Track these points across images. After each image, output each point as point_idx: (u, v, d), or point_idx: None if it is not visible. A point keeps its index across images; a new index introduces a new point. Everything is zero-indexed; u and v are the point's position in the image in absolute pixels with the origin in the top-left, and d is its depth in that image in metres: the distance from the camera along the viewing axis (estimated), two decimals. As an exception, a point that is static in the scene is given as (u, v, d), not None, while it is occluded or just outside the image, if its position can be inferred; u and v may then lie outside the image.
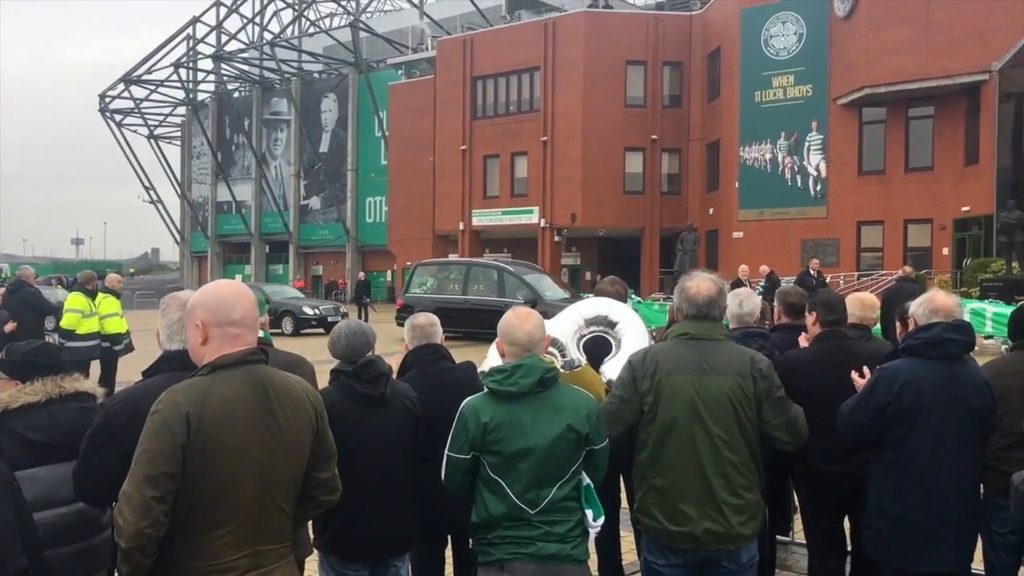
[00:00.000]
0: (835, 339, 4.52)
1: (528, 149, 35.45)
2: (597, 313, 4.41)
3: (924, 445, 3.73)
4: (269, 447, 2.49)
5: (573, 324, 4.33)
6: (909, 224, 27.87)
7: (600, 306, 4.51)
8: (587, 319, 4.37)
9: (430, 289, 22.76)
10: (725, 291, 3.74)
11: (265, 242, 54.86)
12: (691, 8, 36.62)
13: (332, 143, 50.01)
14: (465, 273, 22.44)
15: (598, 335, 4.43)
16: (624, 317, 4.48)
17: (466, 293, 21.58)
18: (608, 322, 4.43)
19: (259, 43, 52.02)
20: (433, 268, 24.00)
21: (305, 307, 25.30)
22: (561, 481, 3.15)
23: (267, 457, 2.48)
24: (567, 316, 4.39)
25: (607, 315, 4.43)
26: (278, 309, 24.54)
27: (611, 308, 4.51)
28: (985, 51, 24.37)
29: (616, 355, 4.38)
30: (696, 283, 3.63)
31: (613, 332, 4.43)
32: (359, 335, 3.84)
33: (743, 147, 30.91)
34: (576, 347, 4.27)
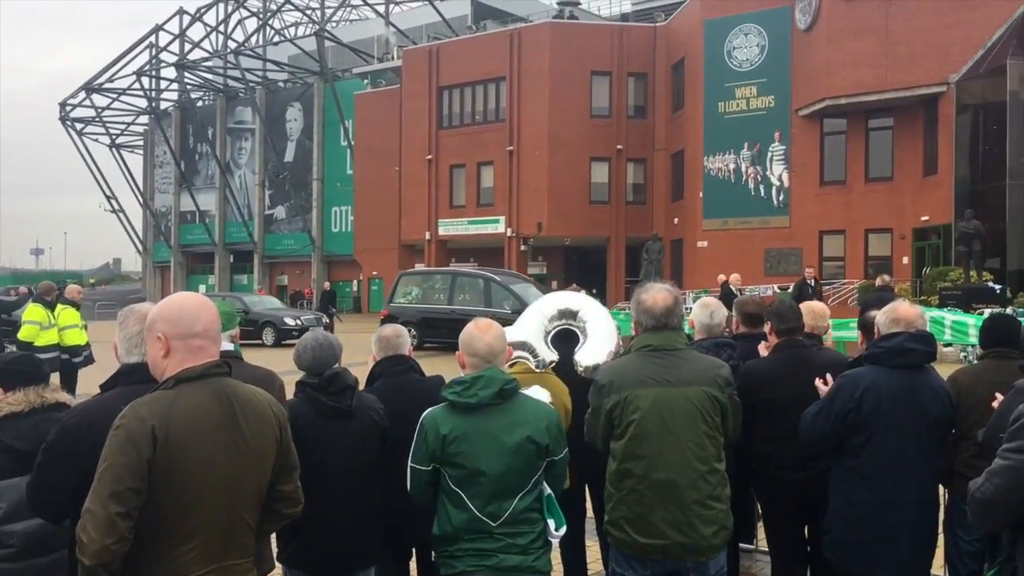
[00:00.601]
0: (792, 348, 4.58)
1: (494, 159, 35.52)
2: (557, 308, 4.41)
3: (883, 452, 3.78)
4: (235, 460, 2.47)
5: (537, 323, 4.33)
6: (870, 233, 28.28)
7: (558, 300, 4.52)
8: (549, 316, 4.37)
9: (415, 299, 22.51)
10: (680, 300, 3.77)
11: (229, 252, 54.35)
12: (655, 20, 36.96)
13: (297, 152, 49.72)
14: (451, 283, 22.13)
15: (563, 328, 4.43)
16: (583, 305, 4.50)
17: (452, 303, 21.19)
18: (569, 313, 4.44)
19: (223, 52, 51.62)
20: (418, 278, 23.72)
21: (286, 318, 24.95)
22: (522, 492, 3.16)
23: (233, 470, 2.46)
24: (530, 317, 4.38)
25: (567, 307, 4.44)
26: (259, 320, 24.23)
27: (569, 300, 4.52)
28: (943, 63, 24.83)
29: (585, 343, 4.39)
30: (652, 295, 3.65)
31: (577, 322, 4.43)
32: (326, 347, 3.82)
33: (707, 157, 31.20)
34: (545, 345, 4.28)
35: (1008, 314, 5.24)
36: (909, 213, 26.89)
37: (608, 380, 3.57)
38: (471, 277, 22.27)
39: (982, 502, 2.71)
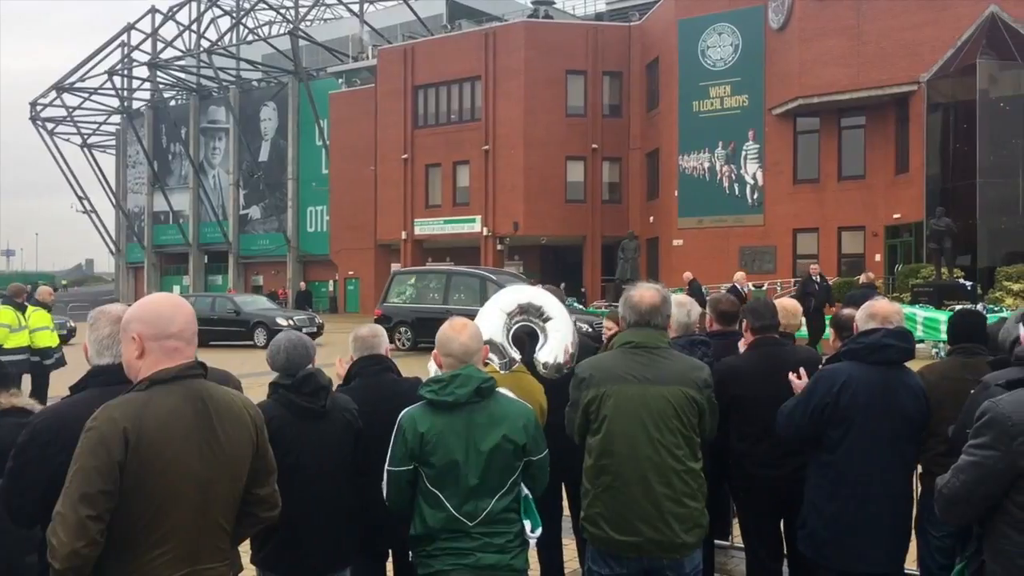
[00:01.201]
0: (767, 346, 4.60)
1: (470, 158, 35.49)
2: (516, 303, 4.36)
3: (859, 448, 3.81)
4: (209, 463, 2.44)
5: (499, 321, 4.27)
6: (843, 231, 28.52)
7: (518, 296, 4.46)
8: (508, 312, 4.32)
9: (409, 299, 22.14)
10: (669, 300, 3.78)
11: (204, 252, 53.93)
12: (629, 19, 37.07)
13: (272, 152, 49.41)
14: (445, 282, 21.68)
15: (523, 325, 4.41)
16: (542, 300, 4.46)
17: (447, 302, 20.64)
18: (529, 309, 4.39)
19: (196, 51, 51.21)
20: (412, 277, 23.26)
21: (279, 318, 24.34)
22: (500, 493, 3.15)
23: (207, 474, 2.44)
24: (490, 314, 4.31)
25: (527, 302, 4.39)
26: (250, 320, 23.92)
27: (528, 295, 4.47)
28: (914, 63, 25.08)
29: (546, 341, 4.37)
30: (640, 292, 3.68)
31: (536, 318, 4.39)
32: (299, 347, 3.80)
33: (682, 156, 31.34)
34: (509, 344, 4.25)
35: (974, 310, 5.31)
36: (881, 211, 27.14)
37: (588, 374, 3.59)
38: (466, 276, 21.89)
39: (949, 497, 2.74)
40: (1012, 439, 2.53)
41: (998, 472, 2.56)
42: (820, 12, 26.80)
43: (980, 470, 2.61)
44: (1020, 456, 2.51)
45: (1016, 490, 2.55)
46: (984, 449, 2.60)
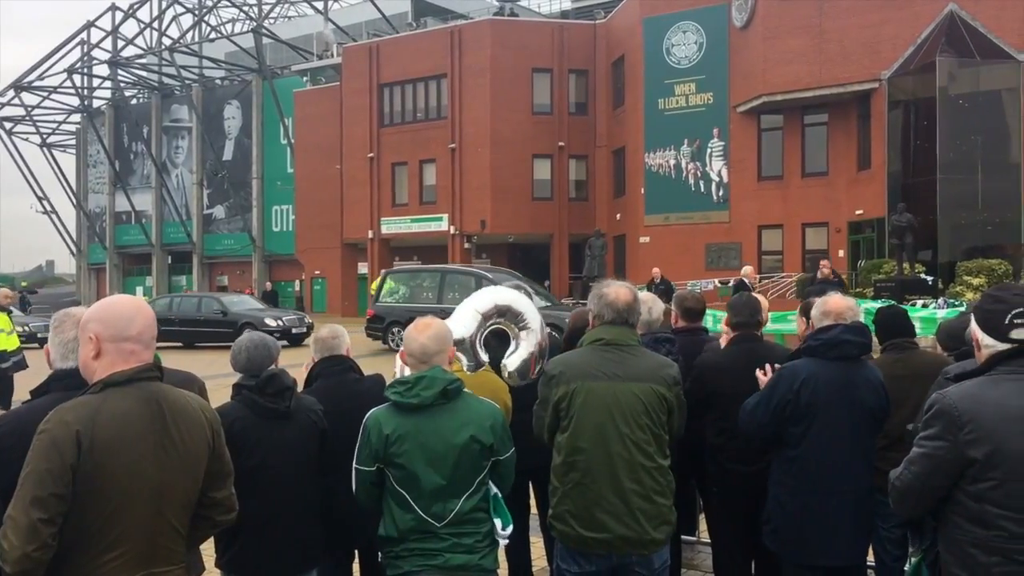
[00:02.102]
0: (746, 342, 4.64)
1: (436, 156, 35.40)
2: (494, 304, 4.35)
3: (821, 443, 3.85)
4: (164, 466, 2.42)
5: (472, 322, 4.26)
6: (807, 227, 28.80)
7: (497, 297, 4.45)
8: (484, 313, 4.31)
9: (402, 298, 21.71)
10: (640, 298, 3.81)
11: (167, 253, 53.33)
12: (595, 17, 37.16)
13: (236, 151, 48.96)
14: (440, 281, 21.27)
15: (496, 328, 4.40)
16: (523, 307, 4.45)
17: (441, 301, 20.09)
18: (507, 313, 4.38)
19: (158, 49, 50.61)
20: (404, 276, 22.83)
21: (267, 318, 23.91)
22: (468, 493, 3.16)
23: (162, 477, 2.42)
24: (464, 314, 4.31)
25: (507, 305, 4.37)
26: (238, 321, 23.30)
27: (509, 298, 4.46)
28: (875, 60, 25.39)
29: (516, 350, 4.36)
30: (615, 289, 3.69)
31: (510, 322, 4.39)
32: (261, 348, 3.77)
33: (648, 153, 31.49)
34: (479, 346, 4.24)
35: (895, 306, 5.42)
36: (844, 207, 27.45)
37: (558, 371, 3.60)
38: (461, 275, 21.48)
39: (901, 490, 2.78)
40: (959, 429, 2.57)
41: (947, 462, 2.61)
42: (782, 10, 27.03)
43: (930, 461, 2.65)
44: (968, 446, 2.56)
45: (965, 480, 2.59)
46: (933, 440, 2.64)
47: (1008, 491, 2.52)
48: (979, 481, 2.56)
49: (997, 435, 2.53)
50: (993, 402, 2.57)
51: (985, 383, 2.64)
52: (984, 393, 2.60)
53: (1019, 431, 2.52)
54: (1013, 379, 2.60)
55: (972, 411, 2.57)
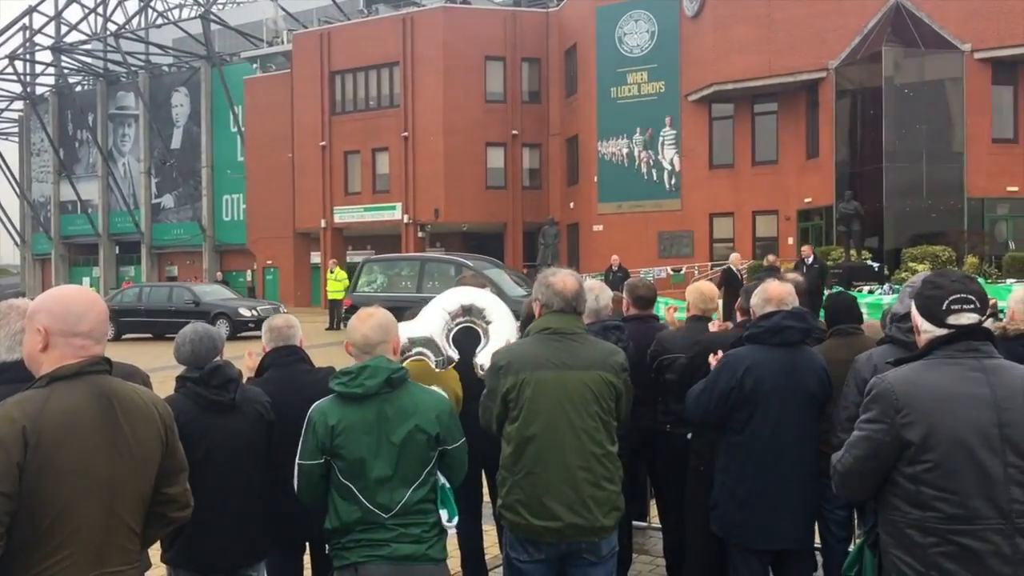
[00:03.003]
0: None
1: (389, 145, 35.17)
2: (459, 304, 4.34)
3: (765, 428, 3.91)
4: (115, 462, 2.36)
5: (439, 320, 4.25)
6: (757, 215, 29.17)
7: (461, 296, 4.43)
8: (451, 312, 4.30)
9: (380, 287, 21.16)
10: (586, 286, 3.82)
11: (115, 243, 52.35)
12: (547, 5, 37.13)
13: (185, 139, 48.15)
14: (419, 269, 20.54)
15: (465, 326, 4.39)
16: (486, 302, 4.45)
17: (421, 291, 19.42)
18: (472, 311, 4.38)
19: (102, 34, 49.51)
20: (382, 264, 22.11)
21: (241, 308, 23.50)
22: (415, 484, 3.14)
23: (113, 473, 2.36)
24: (431, 313, 4.30)
25: (470, 304, 4.37)
26: (211, 311, 22.68)
27: (472, 296, 4.45)
28: (823, 50, 25.73)
29: (487, 344, 4.35)
30: (562, 277, 3.69)
31: (479, 320, 4.38)
32: (205, 339, 3.72)
33: (601, 142, 31.61)
34: (448, 343, 4.23)
35: (845, 292, 5.56)
36: (793, 195, 27.82)
37: (506, 361, 3.59)
38: (441, 263, 20.99)
39: (843, 473, 2.83)
40: (897, 412, 2.62)
41: (886, 445, 2.66)
42: (733, 0, 27.27)
43: (870, 444, 2.70)
44: (904, 429, 2.61)
45: (902, 462, 2.64)
46: (872, 423, 2.69)
47: (943, 473, 2.57)
48: (915, 463, 2.61)
49: (932, 418, 2.58)
50: (929, 385, 2.63)
51: (923, 367, 2.69)
52: (921, 377, 2.66)
53: (953, 413, 2.58)
54: (949, 363, 2.66)
55: (909, 394, 2.63)
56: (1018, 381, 2.65)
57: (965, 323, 2.68)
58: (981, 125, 24.33)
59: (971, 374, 2.63)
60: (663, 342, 4.96)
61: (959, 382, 2.62)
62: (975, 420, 2.57)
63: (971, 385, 2.61)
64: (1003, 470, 2.56)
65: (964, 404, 2.59)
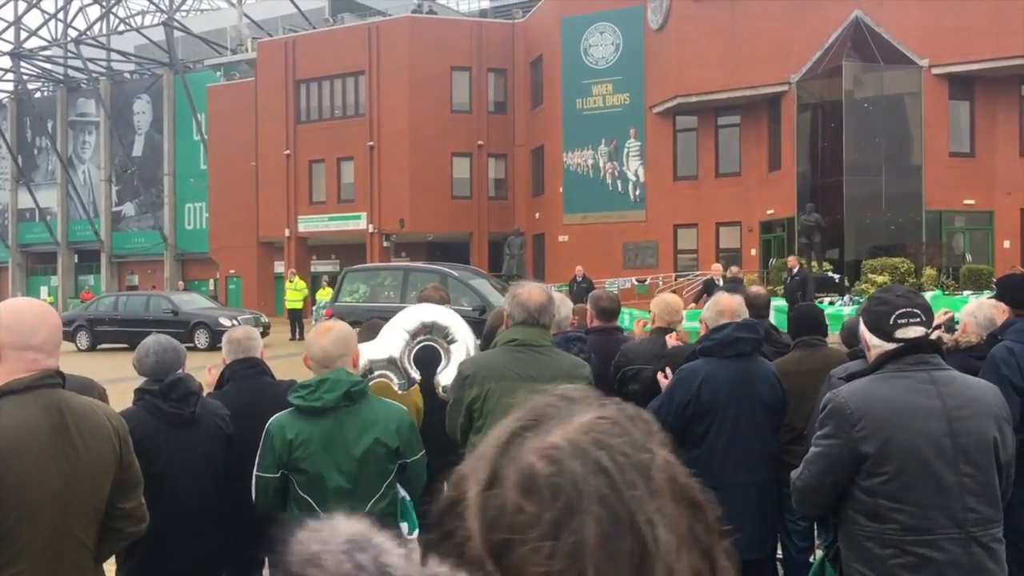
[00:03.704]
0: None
1: (354, 154, 35.03)
2: (420, 322, 4.32)
3: (722, 439, 3.94)
4: (67, 477, 2.33)
5: (400, 341, 4.22)
6: (720, 227, 29.41)
7: (422, 315, 4.40)
8: (411, 331, 4.27)
9: (362, 297, 20.78)
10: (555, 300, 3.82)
11: (74, 251, 51.57)
12: (513, 16, 37.26)
13: (146, 146, 47.60)
14: (402, 279, 20.08)
15: (426, 345, 4.37)
16: (447, 320, 4.43)
17: (404, 301, 18.58)
18: (433, 328, 4.36)
19: (63, 40, 48.86)
20: (365, 274, 21.83)
21: (222, 318, 22.69)
22: (375, 497, 3.12)
23: (65, 487, 2.33)
24: (392, 333, 4.25)
25: (431, 322, 4.36)
26: (190, 321, 22.15)
27: (433, 315, 4.42)
28: (785, 64, 26.05)
29: (448, 364, 4.34)
30: (528, 290, 3.71)
31: (439, 339, 4.37)
32: (170, 351, 3.67)
33: (566, 153, 31.74)
34: (409, 364, 4.20)
35: (811, 305, 5.62)
36: (756, 207, 28.10)
37: (471, 372, 3.61)
38: (425, 273, 20.32)
39: (802, 489, 2.86)
40: (852, 426, 2.66)
41: (842, 459, 2.70)
42: (696, 14, 27.54)
43: (826, 459, 2.74)
44: (860, 442, 2.65)
45: (860, 475, 2.69)
46: (828, 439, 2.73)
47: (899, 484, 2.61)
48: (872, 476, 2.65)
49: (887, 430, 2.63)
50: (882, 399, 2.67)
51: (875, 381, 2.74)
52: (874, 390, 2.70)
53: (907, 426, 2.62)
54: (900, 376, 2.71)
55: (863, 408, 2.67)
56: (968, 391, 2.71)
57: (912, 336, 2.73)
58: (939, 139, 24.75)
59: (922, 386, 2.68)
60: (627, 353, 4.99)
61: (911, 394, 2.67)
62: (928, 431, 2.62)
63: (923, 397, 2.66)
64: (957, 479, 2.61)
65: (917, 416, 2.63)
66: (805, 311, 4.97)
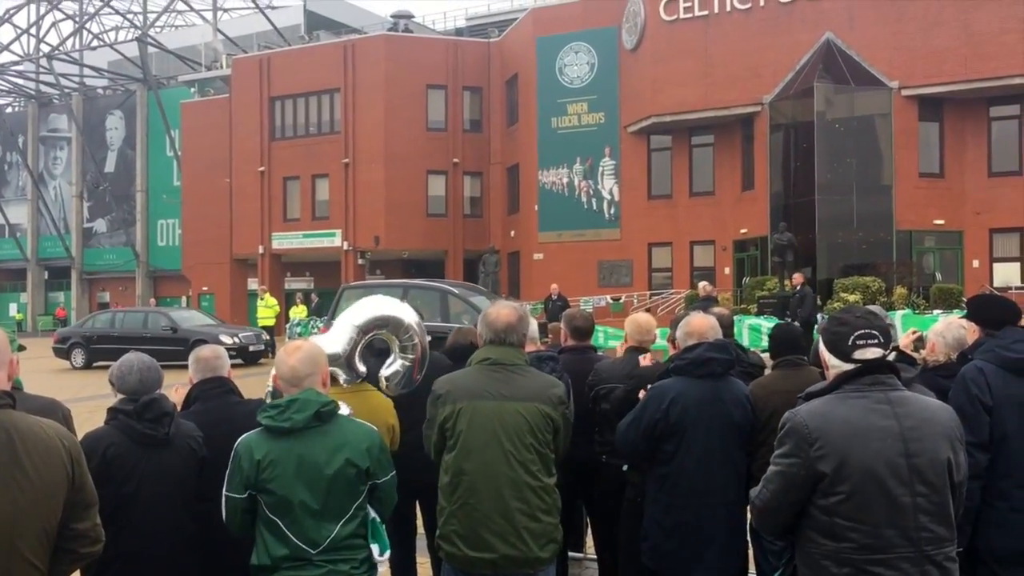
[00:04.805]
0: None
1: (329, 171, 34.97)
2: (370, 317, 4.25)
3: (691, 459, 3.95)
4: (15, 498, 2.30)
5: (346, 336, 4.14)
6: (695, 245, 29.62)
7: (372, 309, 4.33)
8: (360, 326, 4.18)
9: None
10: (526, 318, 3.83)
11: (44, 268, 51.04)
12: (489, 35, 37.45)
13: (119, 162, 47.30)
14: (401, 297, 19.61)
15: (376, 339, 4.32)
16: (396, 313, 4.34)
17: None
18: (384, 323, 4.27)
19: (35, 56, 48.50)
20: (363, 291, 21.36)
21: (222, 335, 21.98)
22: (344, 518, 3.10)
23: (13, 509, 2.29)
24: (340, 329, 4.20)
25: (383, 316, 4.27)
26: (189, 338, 21.14)
27: (383, 308, 4.35)
28: (757, 85, 26.36)
29: (394, 359, 4.31)
30: (497, 309, 3.73)
31: (391, 334, 4.31)
32: (153, 370, 3.64)
33: (541, 171, 31.86)
34: (357, 359, 4.17)
35: (791, 324, 5.65)
36: (730, 226, 28.33)
37: (445, 390, 3.61)
38: (425, 290, 20.03)
39: (761, 508, 2.90)
40: (810, 445, 2.70)
41: (800, 478, 2.74)
42: (670, 35, 27.82)
43: (785, 479, 2.78)
44: (818, 461, 2.69)
45: (817, 494, 2.73)
46: (787, 458, 2.77)
47: (855, 504, 2.65)
48: (829, 495, 2.69)
49: (844, 450, 2.67)
50: (840, 418, 2.71)
51: (832, 401, 2.78)
52: (832, 410, 2.74)
53: (864, 445, 2.67)
54: (857, 396, 2.75)
55: (821, 428, 2.71)
56: (924, 412, 2.76)
57: (870, 357, 2.78)
58: (909, 160, 25.11)
59: (878, 406, 2.73)
60: (600, 372, 5.01)
61: (867, 414, 2.71)
62: (884, 451, 2.66)
63: (879, 417, 2.71)
64: (912, 499, 2.65)
65: (874, 436, 2.68)
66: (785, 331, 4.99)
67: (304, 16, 43.94)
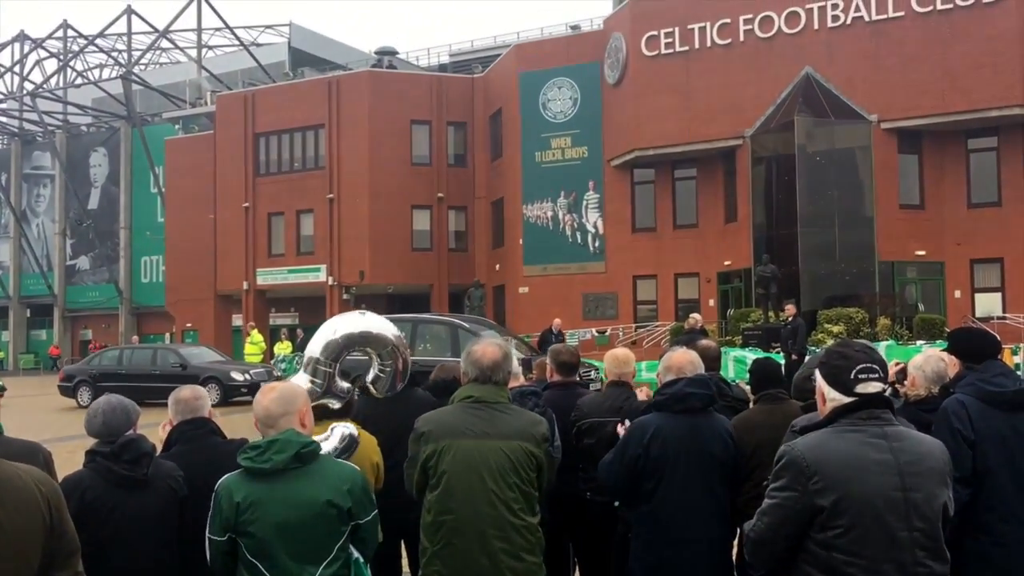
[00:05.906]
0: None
1: (314, 206, 34.98)
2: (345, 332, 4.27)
3: (672, 495, 3.93)
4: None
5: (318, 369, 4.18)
6: (679, 278, 29.70)
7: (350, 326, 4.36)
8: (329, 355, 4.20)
9: None
10: (511, 356, 3.82)
11: (26, 306, 50.68)
12: (472, 71, 37.74)
13: (103, 199, 47.20)
14: (411, 331, 18.58)
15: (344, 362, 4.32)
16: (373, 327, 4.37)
17: (413, 353, 17.94)
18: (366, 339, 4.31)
19: (19, 93, 48.51)
20: None
21: (233, 372, 21.99)
22: (327, 560, 3.06)
23: None
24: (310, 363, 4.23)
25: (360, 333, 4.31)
26: (200, 375, 20.93)
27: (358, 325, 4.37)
28: (739, 119, 26.61)
29: (376, 367, 4.34)
30: (482, 347, 3.72)
31: (371, 349, 4.35)
32: (119, 411, 3.61)
33: (526, 205, 31.97)
34: (338, 380, 4.16)
35: (769, 358, 5.67)
36: (713, 258, 28.45)
37: (427, 429, 3.59)
38: (435, 324, 19.67)
39: (755, 540, 2.88)
40: (808, 479, 2.70)
41: (797, 512, 2.72)
42: (652, 69, 28.11)
43: (781, 511, 2.76)
44: (816, 495, 2.68)
45: (814, 528, 2.71)
46: (784, 491, 2.75)
47: (853, 538, 2.64)
48: (827, 529, 2.68)
49: (842, 483, 2.66)
50: (838, 452, 2.71)
51: (830, 434, 2.78)
52: (830, 444, 2.74)
53: (862, 479, 2.66)
54: (854, 430, 2.75)
55: (819, 461, 2.70)
56: (918, 447, 2.76)
57: (872, 391, 2.78)
58: (889, 191, 25.34)
59: (874, 440, 2.73)
60: (582, 407, 4.99)
61: (864, 448, 2.71)
62: (882, 486, 2.66)
63: (875, 451, 2.70)
64: (908, 534, 2.65)
65: (871, 470, 2.67)
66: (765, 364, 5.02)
67: (289, 53, 44.22)
